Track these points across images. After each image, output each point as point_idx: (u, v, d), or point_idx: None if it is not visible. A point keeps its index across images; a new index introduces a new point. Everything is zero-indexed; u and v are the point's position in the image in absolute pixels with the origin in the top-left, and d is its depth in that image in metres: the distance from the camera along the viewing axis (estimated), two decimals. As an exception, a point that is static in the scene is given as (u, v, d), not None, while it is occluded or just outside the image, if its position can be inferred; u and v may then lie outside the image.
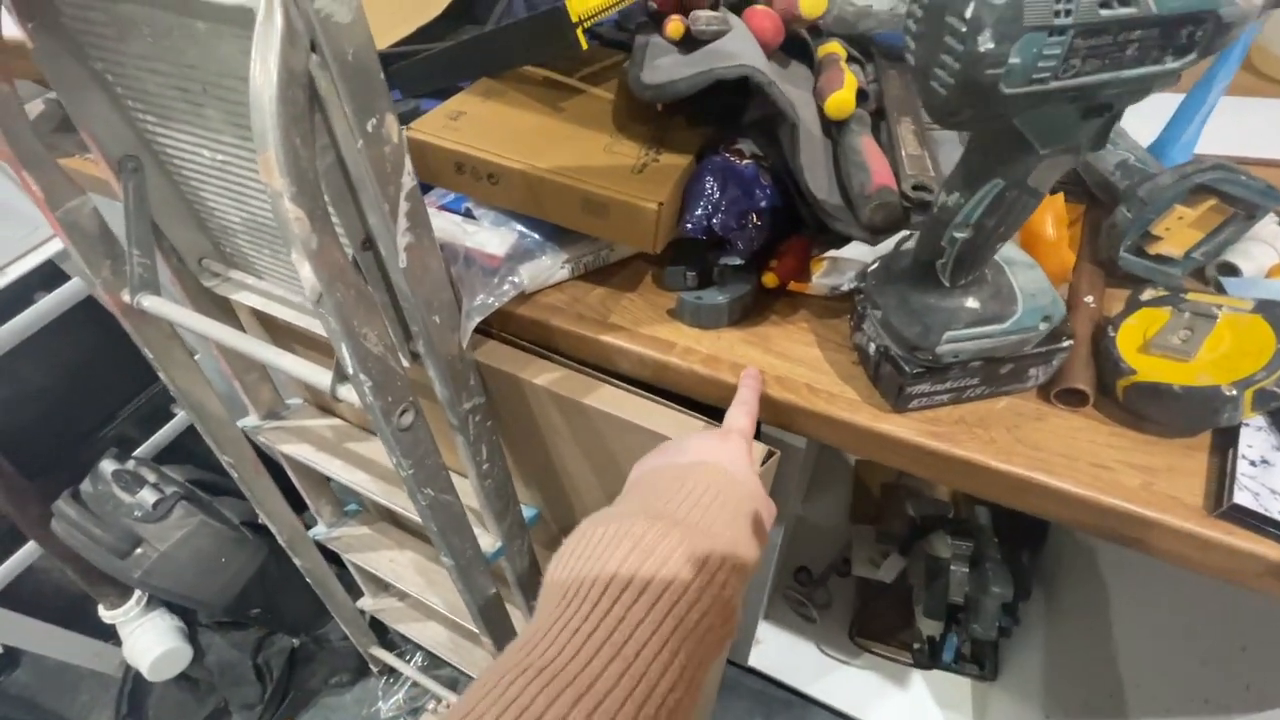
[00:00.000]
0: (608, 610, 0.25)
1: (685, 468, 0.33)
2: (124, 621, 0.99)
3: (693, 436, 0.37)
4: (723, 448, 0.35)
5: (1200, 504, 0.34)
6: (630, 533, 0.27)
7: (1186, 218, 0.40)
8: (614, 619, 0.25)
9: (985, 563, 0.90)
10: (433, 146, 0.43)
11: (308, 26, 0.30)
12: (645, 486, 0.33)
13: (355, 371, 0.38)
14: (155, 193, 0.49)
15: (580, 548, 0.28)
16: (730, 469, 0.34)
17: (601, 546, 0.27)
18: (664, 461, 0.35)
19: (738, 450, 0.36)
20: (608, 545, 0.27)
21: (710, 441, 0.36)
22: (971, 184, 0.29)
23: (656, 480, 0.33)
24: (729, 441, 0.36)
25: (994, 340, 0.35)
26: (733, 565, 0.28)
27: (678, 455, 0.35)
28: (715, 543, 0.28)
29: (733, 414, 0.39)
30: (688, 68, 0.41)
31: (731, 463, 0.34)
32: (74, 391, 0.98)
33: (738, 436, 0.37)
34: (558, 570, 0.28)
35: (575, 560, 0.28)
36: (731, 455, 0.35)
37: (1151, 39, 0.23)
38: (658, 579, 0.26)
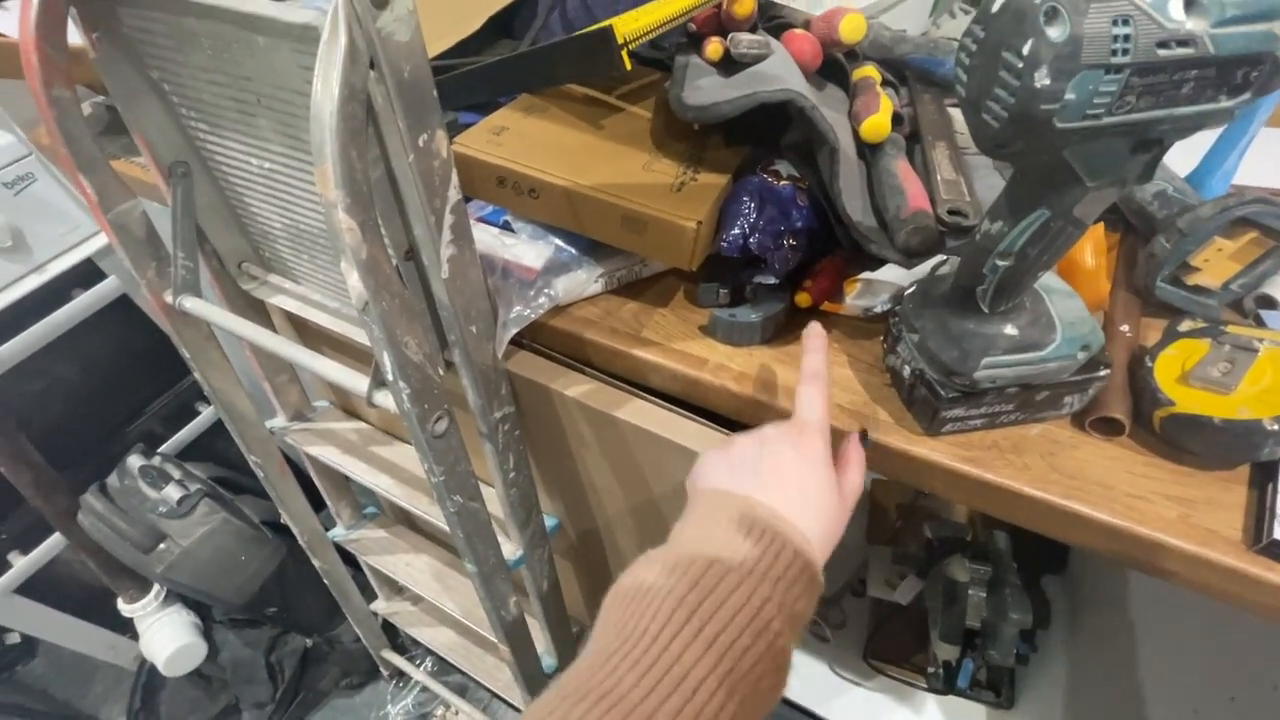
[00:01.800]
0: (666, 646, 0.26)
1: (746, 506, 0.32)
2: (142, 615, 1.00)
3: (766, 447, 0.34)
4: (797, 463, 0.33)
5: (1239, 538, 0.34)
6: (690, 572, 0.28)
7: (1226, 249, 0.40)
8: (672, 656, 0.25)
9: (1004, 588, 0.89)
10: (477, 161, 0.44)
11: (369, 45, 0.31)
12: (704, 519, 0.32)
13: (395, 378, 0.39)
14: (201, 197, 0.51)
15: (640, 581, 0.29)
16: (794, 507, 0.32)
17: (663, 584, 0.28)
18: (728, 484, 0.33)
19: (814, 458, 0.33)
20: (670, 582, 0.28)
21: (783, 456, 0.33)
22: (1016, 213, 0.30)
23: (716, 514, 0.32)
24: (803, 449, 0.33)
25: (1032, 368, 0.35)
26: (787, 614, 0.28)
27: (744, 476, 0.33)
28: (771, 591, 0.28)
29: (805, 397, 0.36)
30: (731, 90, 0.42)
31: (800, 484, 0.33)
32: (104, 387, 0.99)
33: (814, 436, 0.34)
34: (616, 600, 0.29)
35: (636, 593, 0.28)
36: (802, 474, 0.33)
37: (1208, 79, 0.23)
38: (714, 620, 0.27)
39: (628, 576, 0.30)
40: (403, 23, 0.31)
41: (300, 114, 0.40)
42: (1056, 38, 0.22)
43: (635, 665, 0.25)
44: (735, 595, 0.27)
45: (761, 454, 0.34)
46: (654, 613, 0.27)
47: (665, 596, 0.27)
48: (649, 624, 0.26)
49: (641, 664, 0.25)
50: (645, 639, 0.26)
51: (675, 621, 0.26)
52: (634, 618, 0.27)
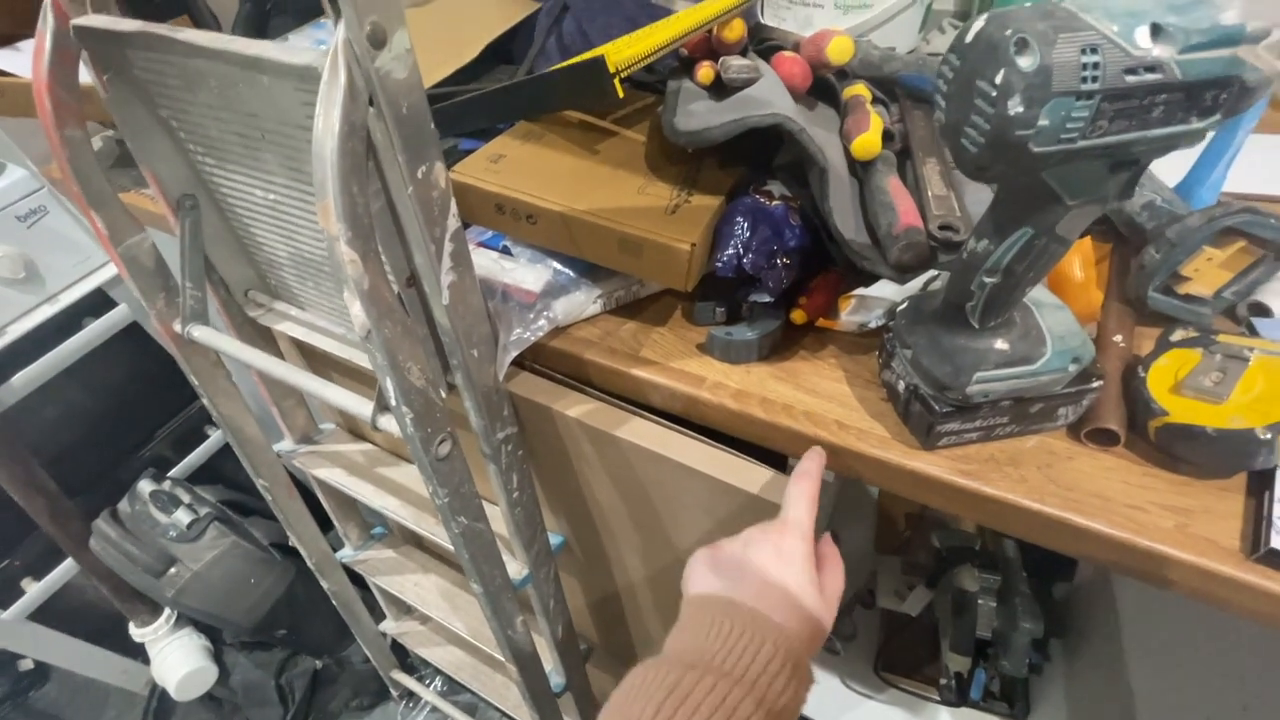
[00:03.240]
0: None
1: (727, 611, 0.33)
2: (153, 640, 1.01)
3: (750, 548, 0.36)
4: (778, 563, 0.35)
5: (1237, 547, 0.34)
6: (666, 681, 0.30)
7: (1215, 259, 0.41)
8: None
9: (1014, 597, 0.89)
10: (475, 188, 0.45)
11: (368, 83, 0.32)
12: (690, 627, 0.34)
13: (398, 403, 0.40)
14: (209, 228, 0.52)
15: (624, 694, 0.31)
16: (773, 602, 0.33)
17: (641, 690, 0.30)
18: (714, 590, 0.35)
19: (795, 561, 0.35)
20: (646, 690, 0.30)
21: (765, 557, 0.35)
22: (1001, 232, 0.30)
23: (699, 619, 0.33)
24: (784, 552, 0.35)
25: (1024, 381, 0.35)
26: (767, 711, 0.30)
27: (729, 575, 0.35)
28: (747, 691, 0.30)
29: (791, 496, 0.37)
30: (721, 115, 0.43)
31: (780, 586, 0.34)
32: (115, 413, 1.01)
33: (796, 538, 0.35)
34: (610, 711, 0.31)
35: (617, 706, 0.31)
36: (785, 571, 0.34)
37: (1177, 102, 0.23)
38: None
39: (619, 689, 0.32)
40: (400, 61, 0.32)
41: (303, 148, 0.42)
42: (1027, 67, 0.23)
43: None
44: (710, 698, 0.29)
45: (745, 555, 0.36)
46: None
47: (644, 707, 0.29)
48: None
49: None
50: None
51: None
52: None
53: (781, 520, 0.37)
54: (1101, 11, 0.23)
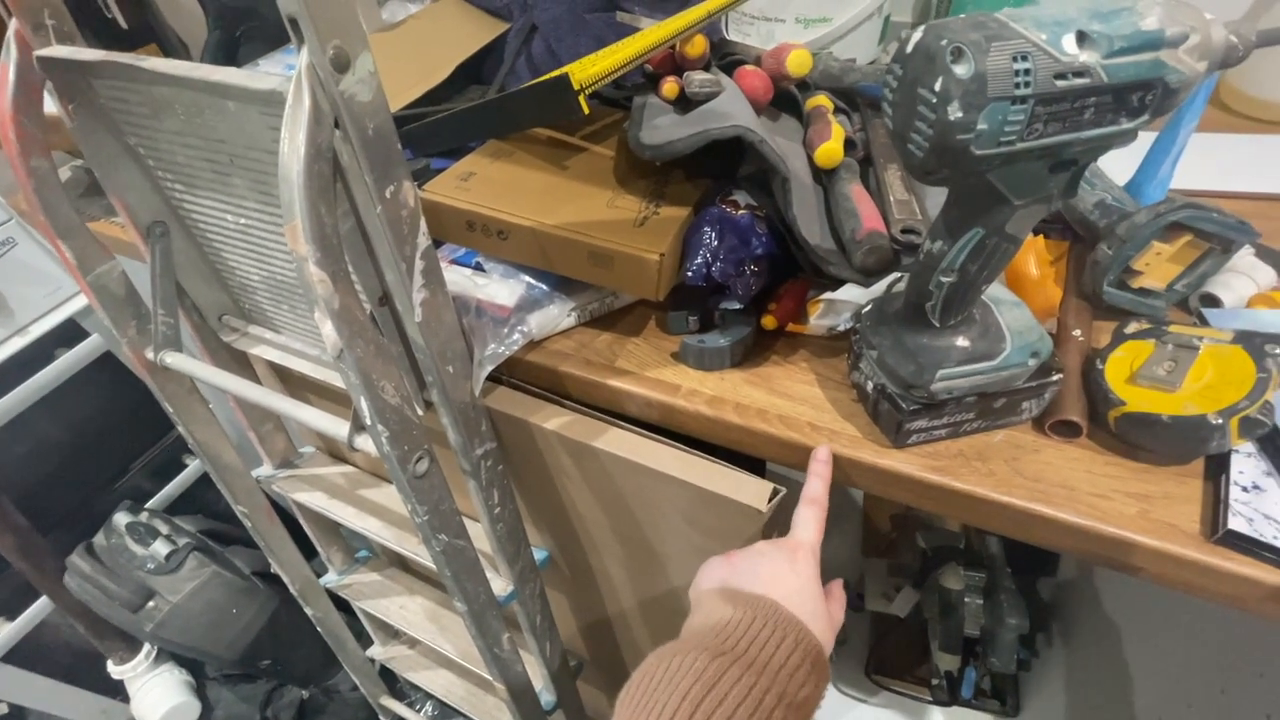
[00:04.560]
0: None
1: (747, 601, 0.34)
2: (132, 677, 0.99)
3: (763, 558, 0.36)
4: (790, 576, 0.35)
5: (1197, 530, 0.35)
6: (692, 668, 0.30)
7: (1164, 253, 0.42)
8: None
9: (999, 593, 0.90)
10: (446, 206, 0.46)
11: (333, 106, 0.32)
12: (709, 615, 0.34)
13: (373, 422, 0.40)
14: (179, 255, 0.52)
15: (648, 680, 0.30)
16: (792, 604, 0.34)
17: (667, 679, 0.30)
18: (729, 587, 0.36)
19: (806, 578, 0.35)
20: (672, 678, 0.29)
21: (778, 568, 0.36)
22: (953, 233, 0.31)
23: (719, 609, 0.34)
24: (797, 567, 0.36)
25: (985, 377, 0.36)
26: (788, 704, 0.29)
27: (745, 579, 0.35)
28: (772, 681, 0.30)
29: (801, 519, 0.38)
30: (684, 128, 0.44)
31: (799, 594, 0.35)
32: (89, 445, 0.99)
33: (807, 554, 0.36)
34: (626, 696, 0.31)
35: (642, 691, 0.30)
36: (800, 585, 0.35)
37: (1106, 104, 0.25)
38: (717, 715, 0.28)
39: (638, 673, 0.31)
40: (364, 84, 0.33)
41: (272, 171, 0.42)
42: (963, 75, 0.24)
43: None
44: (737, 687, 0.29)
45: (759, 563, 0.36)
46: (660, 709, 0.28)
47: (671, 692, 0.29)
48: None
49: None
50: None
51: (680, 717, 0.28)
52: (641, 714, 0.29)
53: (794, 539, 0.38)
54: (1030, 21, 0.24)
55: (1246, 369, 0.35)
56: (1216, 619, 0.58)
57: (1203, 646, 0.60)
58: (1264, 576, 0.33)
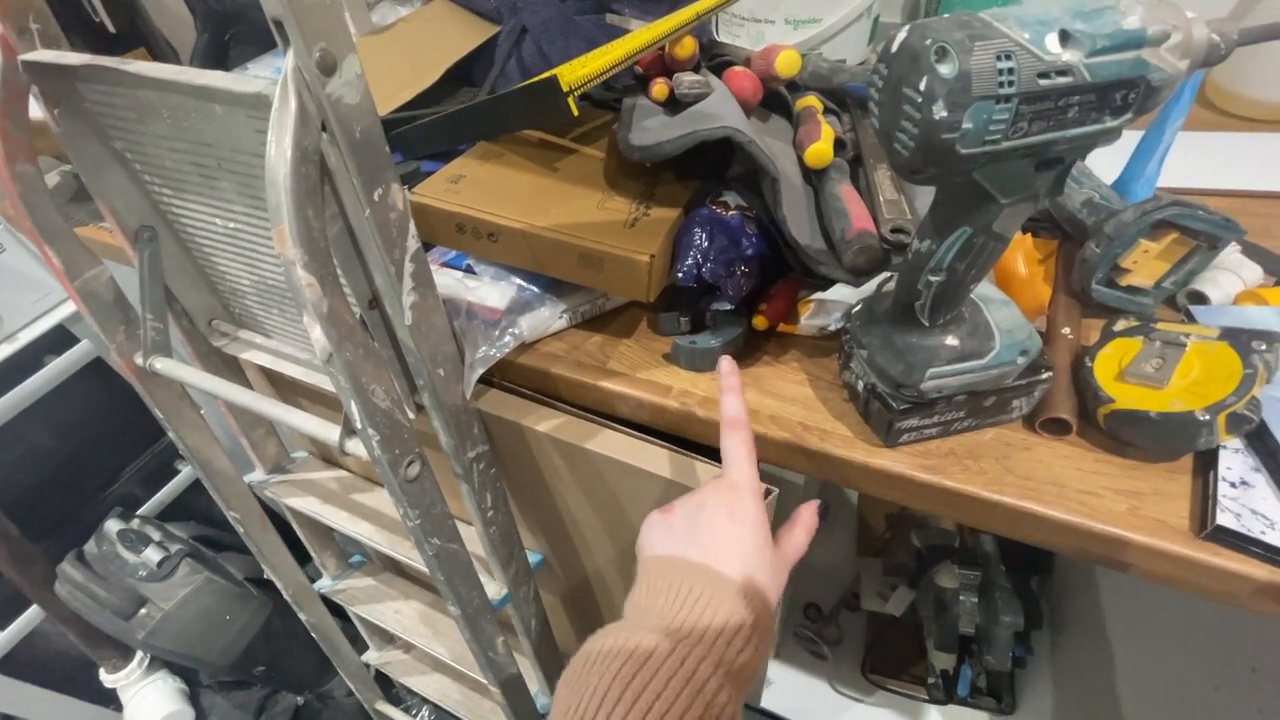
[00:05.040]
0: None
1: (685, 571, 0.33)
2: (125, 685, 0.98)
3: (702, 512, 0.35)
4: (730, 523, 0.34)
5: (1186, 526, 0.35)
6: (625, 645, 0.30)
7: (1152, 251, 0.42)
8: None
9: (994, 591, 0.90)
10: (435, 209, 0.46)
11: (319, 110, 0.32)
12: (647, 591, 0.33)
13: (363, 426, 0.39)
14: (168, 259, 0.52)
15: (583, 663, 0.31)
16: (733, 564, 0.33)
17: (600, 661, 0.30)
18: (668, 552, 0.35)
19: (747, 521, 0.34)
20: (603, 659, 0.30)
21: (717, 515, 0.35)
22: (941, 232, 0.31)
23: (656, 582, 0.33)
24: (737, 511, 0.35)
25: (975, 375, 0.36)
26: (725, 671, 0.29)
27: (680, 540, 0.35)
28: (707, 650, 0.30)
29: (730, 452, 0.37)
30: (673, 129, 0.44)
31: (739, 542, 0.34)
32: (80, 452, 0.98)
33: (747, 496, 0.35)
34: (566, 681, 0.31)
35: (576, 676, 0.30)
36: (739, 533, 0.34)
37: (1090, 103, 0.25)
38: (648, 690, 0.28)
39: (577, 657, 0.31)
40: (351, 86, 0.33)
41: (260, 175, 0.41)
42: (948, 74, 0.24)
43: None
44: (668, 661, 0.29)
45: (697, 518, 0.35)
46: (592, 691, 0.28)
47: (602, 675, 0.29)
48: (587, 704, 0.28)
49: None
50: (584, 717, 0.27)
51: (610, 699, 0.28)
52: (576, 698, 0.29)
53: (728, 480, 0.36)
54: (1014, 20, 0.24)
55: (1233, 365, 0.35)
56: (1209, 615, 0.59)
57: (1196, 642, 0.60)
58: (1253, 571, 0.33)
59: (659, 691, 0.28)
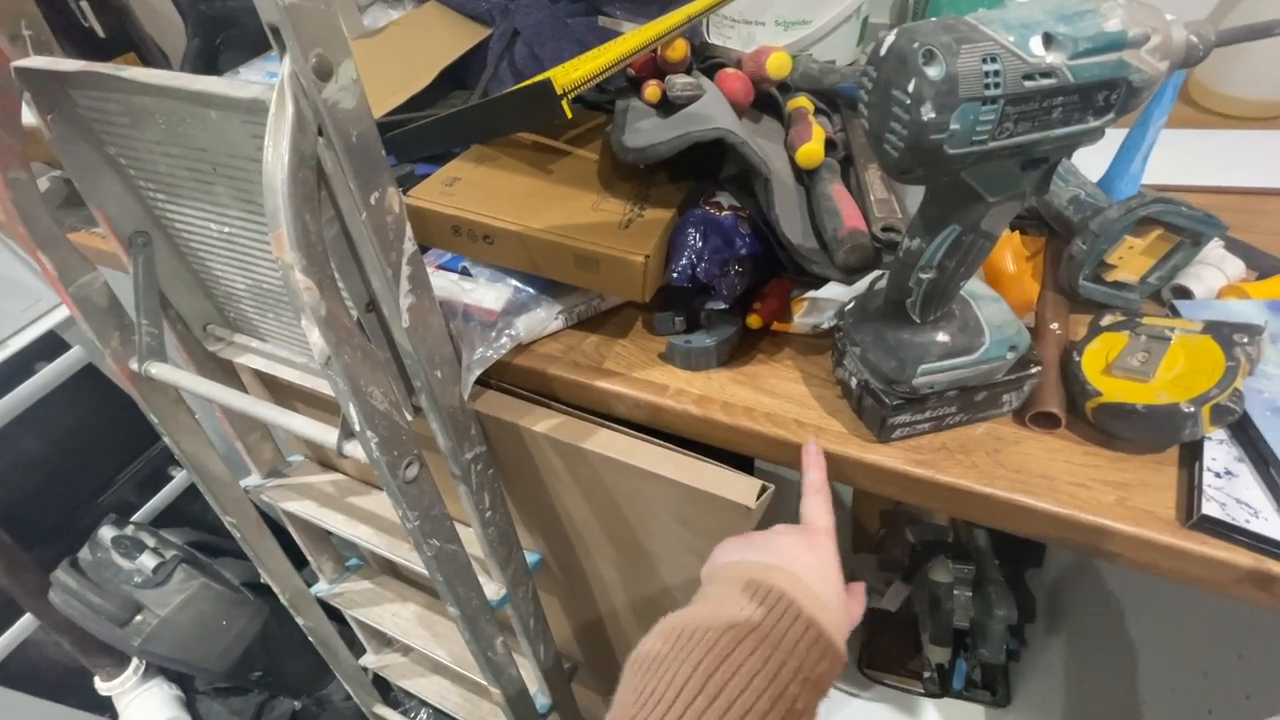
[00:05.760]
0: (681, 715, 0.26)
1: (764, 570, 0.33)
2: (121, 693, 0.97)
3: (781, 536, 0.36)
4: (809, 553, 0.35)
5: (1173, 516, 0.36)
6: (705, 638, 0.28)
7: (1137, 247, 0.43)
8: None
9: (987, 585, 0.91)
10: (431, 212, 0.46)
11: (316, 114, 0.32)
12: (723, 584, 0.33)
13: (362, 428, 0.40)
14: (163, 264, 0.52)
15: (660, 646, 0.29)
16: (810, 580, 0.33)
17: (680, 647, 0.28)
18: (746, 558, 0.35)
19: (824, 557, 0.35)
20: (686, 647, 0.28)
21: (797, 546, 0.35)
22: (931, 230, 0.32)
23: (734, 580, 0.33)
24: (815, 547, 0.35)
25: (965, 371, 0.37)
26: (804, 678, 0.28)
27: (761, 553, 0.35)
28: (789, 655, 0.28)
29: (810, 506, 0.38)
30: (666, 131, 0.44)
31: (818, 572, 0.34)
32: (72, 459, 0.98)
33: (824, 537, 0.36)
34: (636, 665, 0.29)
35: (653, 660, 0.29)
36: (819, 564, 0.34)
37: (1073, 104, 0.25)
38: (730, 686, 0.27)
39: (647, 640, 0.30)
40: (347, 91, 0.33)
41: (256, 180, 0.42)
42: (935, 76, 0.24)
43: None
44: (752, 659, 0.27)
45: (776, 541, 0.36)
46: (670, 678, 0.27)
47: (682, 662, 0.27)
48: (664, 690, 0.27)
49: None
50: (661, 706, 0.26)
51: (691, 688, 0.26)
52: (651, 682, 0.27)
53: (808, 525, 0.37)
54: (999, 24, 0.25)
55: (1216, 358, 0.36)
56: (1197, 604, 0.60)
57: (1185, 631, 0.61)
58: (1238, 559, 0.34)
59: (741, 689, 0.26)
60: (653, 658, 0.29)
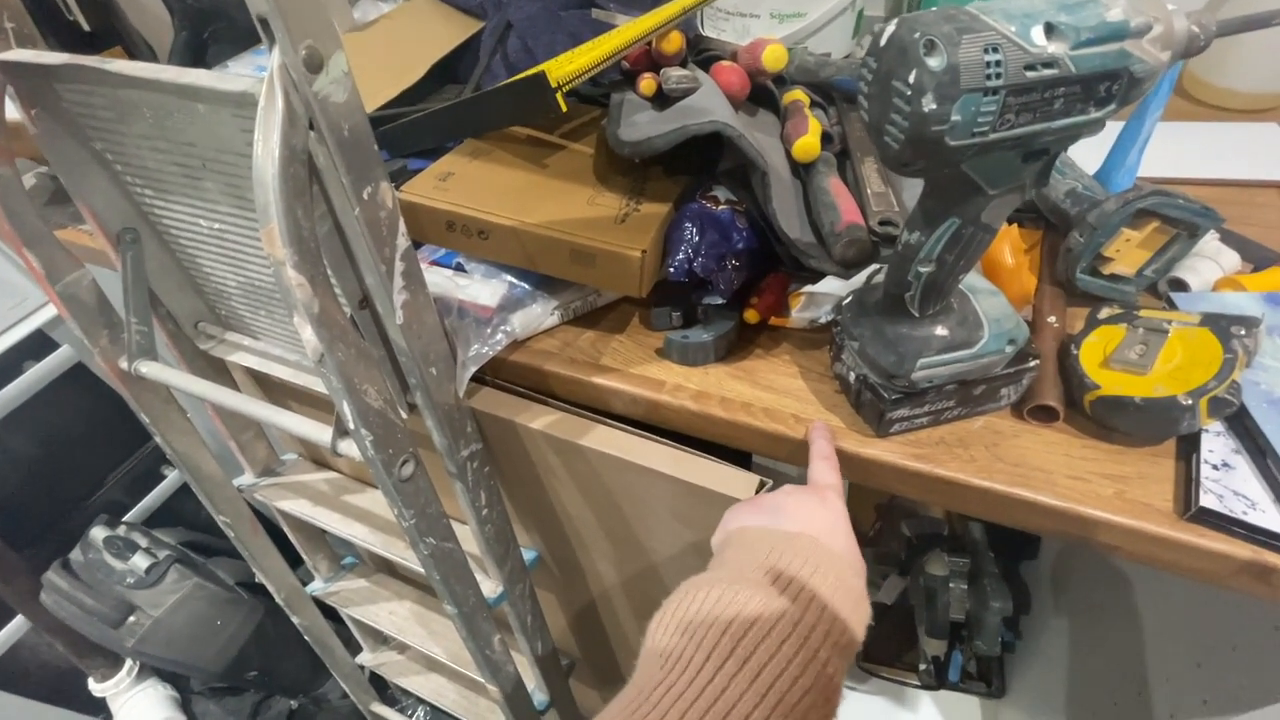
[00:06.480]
0: (710, 679, 0.25)
1: (784, 537, 0.32)
2: (115, 694, 0.97)
3: (790, 496, 0.35)
4: (822, 512, 0.34)
5: (1171, 508, 0.36)
6: (734, 600, 0.28)
7: (1134, 239, 0.43)
8: (716, 688, 0.25)
9: (983, 578, 0.91)
10: (425, 207, 0.46)
11: (307, 108, 0.32)
12: (744, 548, 0.32)
13: (356, 426, 0.39)
14: (152, 261, 0.51)
15: (686, 611, 0.28)
16: (828, 540, 0.33)
17: (708, 611, 0.27)
18: (760, 523, 0.34)
19: (837, 514, 0.35)
20: (714, 611, 0.27)
21: (809, 504, 0.35)
22: (930, 223, 0.32)
23: (754, 544, 0.32)
24: (827, 504, 0.35)
25: (964, 364, 0.37)
26: (834, 642, 0.28)
27: (775, 518, 0.34)
28: (818, 618, 0.28)
29: (818, 469, 0.38)
30: (662, 125, 0.44)
31: (831, 530, 0.33)
32: (62, 459, 0.97)
33: (834, 496, 0.36)
34: (661, 629, 0.29)
35: (680, 624, 0.28)
36: (832, 522, 0.34)
37: (1075, 94, 0.25)
38: (760, 650, 0.26)
39: (671, 602, 0.29)
40: (339, 84, 0.32)
41: (246, 175, 0.41)
42: (936, 67, 0.24)
43: (679, 698, 0.24)
44: (781, 623, 0.27)
45: (788, 501, 0.35)
46: (699, 642, 0.26)
47: (711, 626, 0.27)
48: (694, 654, 0.26)
49: (686, 697, 0.24)
50: (690, 670, 0.25)
51: (720, 651, 0.26)
52: (679, 646, 0.27)
53: (816, 484, 0.37)
54: (1000, 13, 0.25)
55: (1214, 350, 0.36)
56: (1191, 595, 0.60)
57: (1179, 622, 0.62)
58: (1235, 551, 0.34)
59: (772, 652, 0.26)
60: (681, 618, 0.28)
